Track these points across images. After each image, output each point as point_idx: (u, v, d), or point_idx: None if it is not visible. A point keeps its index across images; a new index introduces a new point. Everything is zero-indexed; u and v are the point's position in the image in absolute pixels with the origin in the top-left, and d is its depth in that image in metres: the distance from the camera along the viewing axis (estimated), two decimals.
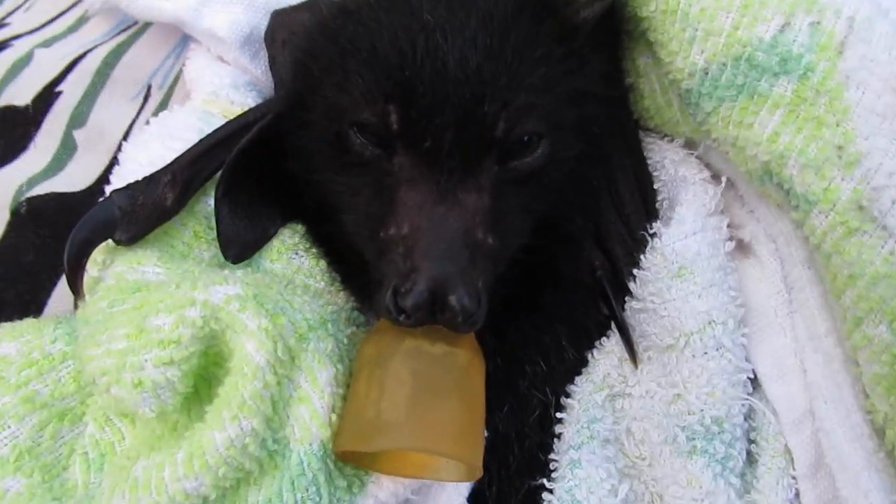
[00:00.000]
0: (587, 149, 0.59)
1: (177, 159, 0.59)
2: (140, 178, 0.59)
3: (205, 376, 0.53)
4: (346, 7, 0.61)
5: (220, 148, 0.61)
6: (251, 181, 0.62)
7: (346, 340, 0.55)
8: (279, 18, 0.69)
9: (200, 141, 0.61)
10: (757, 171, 0.55)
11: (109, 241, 0.58)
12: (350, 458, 0.53)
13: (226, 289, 0.49)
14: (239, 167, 0.60)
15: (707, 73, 0.56)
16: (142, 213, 0.57)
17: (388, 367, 0.51)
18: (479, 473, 0.52)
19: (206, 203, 0.61)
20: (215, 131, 0.62)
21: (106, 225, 0.57)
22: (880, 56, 0.51)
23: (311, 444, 0.50)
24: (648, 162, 0.65)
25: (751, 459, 0.59)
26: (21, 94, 0.73)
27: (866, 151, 0.50)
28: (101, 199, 0.59)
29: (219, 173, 0.60)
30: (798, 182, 0.53)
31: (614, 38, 0.64)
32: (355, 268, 0.59)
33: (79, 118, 0.73)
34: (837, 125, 0.51)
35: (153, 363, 0.48)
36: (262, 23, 0.72)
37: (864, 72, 0.51)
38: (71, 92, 0.74)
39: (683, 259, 0.57)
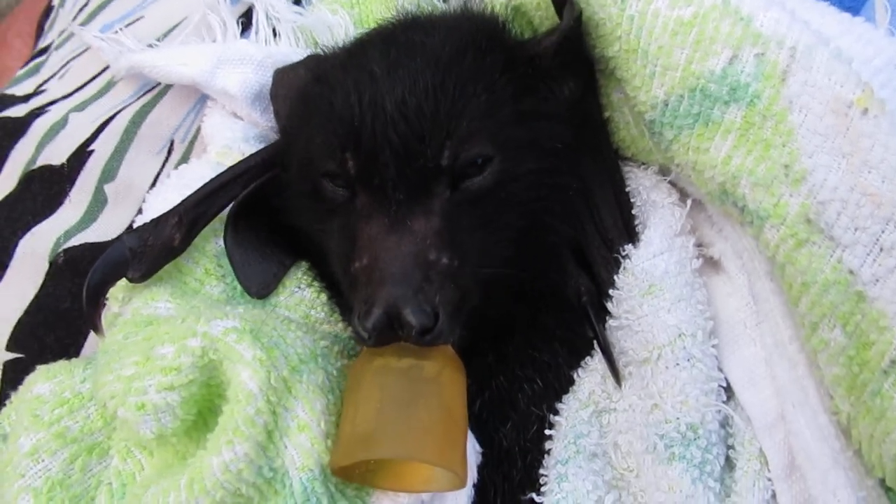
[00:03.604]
0: (551, 163, 0.64)
1: (183, 202, 0.66)
2: (148, 221, 0.65)
3: (212, 408, 0.58)
4: (319, 70, 0.69)
5: (223, 190, 0.67)
6: (259, 225, 0.68)
7: (335, 373, 0.59)
8: (279, 76, 0.77)
9: (205, 184, 0.67)
10: (715, 191, 0.59)
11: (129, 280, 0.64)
12: (350, 477, 0.57)
13: (225, 322, 0.55)
14: (242, 215, 0.67)
15: (667, 105, 0.61)
16: (151, 252, 0.63)
17: (360, 386, 0.56)
18: (462, 481, 0.55)
19: (216, 243, 0.67)
20: (218, 175, 0.68)
21: (118, 265, 0.63)
22: (821, 81, 0.55)
23: (312, 470, 0.54)
24: (627, 189, 0.69)
25: (730, 464, 0.61)
26: (57, 154, 0.80)
27: (811, 169, 0.54)
28: (113, 242, 0.65)
29: (224, 213, 0.67)
30: (750, 200, 0.57)
31: (583, 66, 0.69)
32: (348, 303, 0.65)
33: (109, 173, 0.80)
34: (783, 146, 0.55)
35: (155, 388, 0.53)
36: (271, 80, 0.79)
37: (805, 96, 0.55)
38: (102, 150, 0.81)
39: (652, 277, 0.61)
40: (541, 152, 0.64)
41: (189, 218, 0.65)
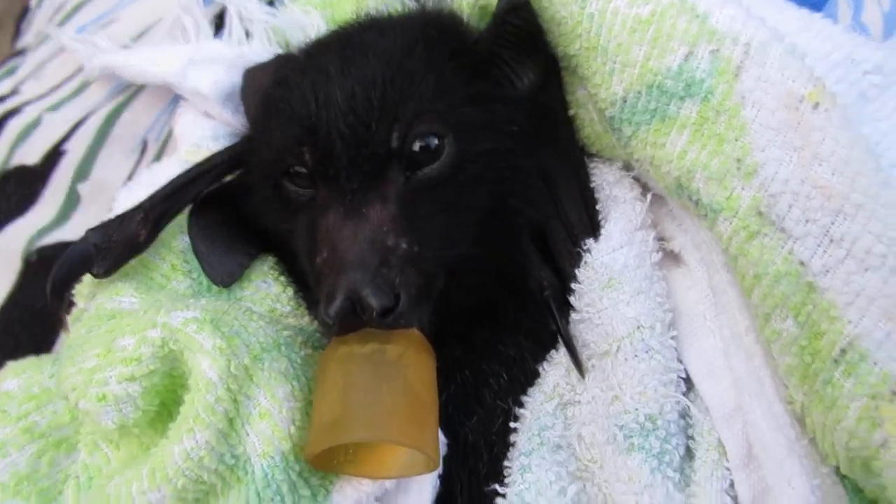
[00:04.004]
0: (507, 144, 0.65)
1: (149, 198, 0.66)
2: (113, 217, 0.66)
3: (175, 400, 0.58)
4: (280, 74, 0.70)
5: (189, 186, 0.68)
6: (226, 218, 0.69)
7: (300, 361, 0.60)
8: (249, 75, 0.78)
9: (171, 181, 0.67)
10: (672, 186, 0.60)
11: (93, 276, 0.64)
12: (330, 467, 0.58)
13: (185, 313, 0.55)
14: (208, 208, 0.67)
15: (626, 102, 0.62)
16: (116, 248, 0.64)
17: (326, 376, 0.57)
18: (435, 462, 0.55)
19: (182, 239, 0.68)
20: (185, 172, 0.68)
21: (82, 260, 0.64)
22: (774, 76, 0.56)
23: (273, 458, 0.55)
24: (592, 184, 0.70)
25: (689, 454, 0.62)
26: (31, 154, 0.81)
27: (762, 162, 0.55)
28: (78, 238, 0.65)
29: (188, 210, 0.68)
30: (704, 193, 0.58)
31: (541, 57, 0.69)
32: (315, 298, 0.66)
33: (83, 173, 0.81)
34: (736, 140, 0.56)
35: (116, 379, 0.53)
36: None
37: (758, 91, 0.56)
38: (75, 150, 0.82)
39: (612, 271, 0.62)
40: (496, 134, 0.65)
41: (155, 214, 0.65)
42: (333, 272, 0.56)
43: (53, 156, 0.81)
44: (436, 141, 0.61)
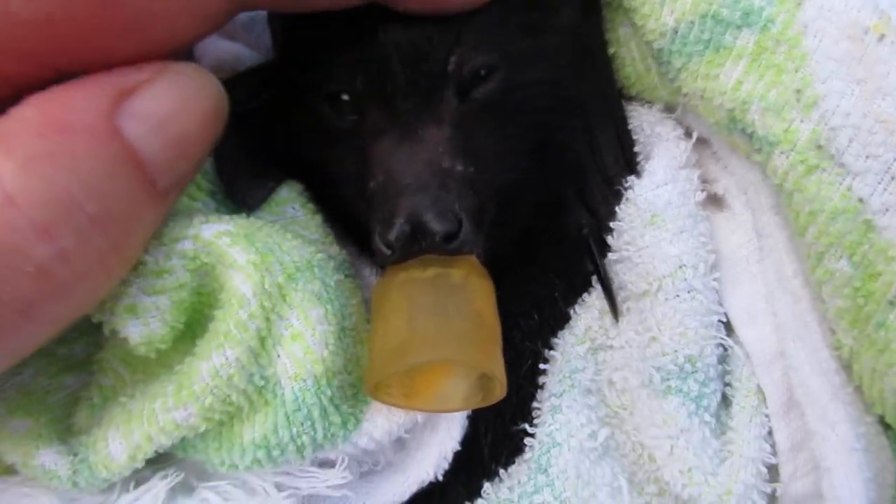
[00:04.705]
0: (557, 75, 0.63)
1: None
2: None
3: (201, 320, 0.55)
4: None
5: None
6: (252, 140, 0.66)
7: (333, 284, 0.57)
8: None
9: None
10: (723, 120, 0.58)
11: None
12: (387, 401, 0.55)
13: (217, 226, 0.52)
14: (232, 130, 0.64)
15: (677, 32, 0.59)
16: None
17: (387, 302, 0.54)
18: (503, 387, 0.54)
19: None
20: None
21: None
22: (837, 6, 0.54)
23: (304, 381, 0.52)
24: (630, 127, 0.67)
25: (726, 402, 0.60)
26: None
27: (824, 94, 0.53)
28: None
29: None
30: (760, 126, 0.55)
31: None
32: (352, 226, 0.64)
33: None
34: (796, 71, 0.54)
35: (144, 291, 0.50)
36: None
37: (821, 21, 0.54)
38: None
39: (655, 207, 0.60)
40: (547, 64, 0.62)
41: None
42: (391, 196, 0.53)
43: None
44: (491, 67, 0.59)
